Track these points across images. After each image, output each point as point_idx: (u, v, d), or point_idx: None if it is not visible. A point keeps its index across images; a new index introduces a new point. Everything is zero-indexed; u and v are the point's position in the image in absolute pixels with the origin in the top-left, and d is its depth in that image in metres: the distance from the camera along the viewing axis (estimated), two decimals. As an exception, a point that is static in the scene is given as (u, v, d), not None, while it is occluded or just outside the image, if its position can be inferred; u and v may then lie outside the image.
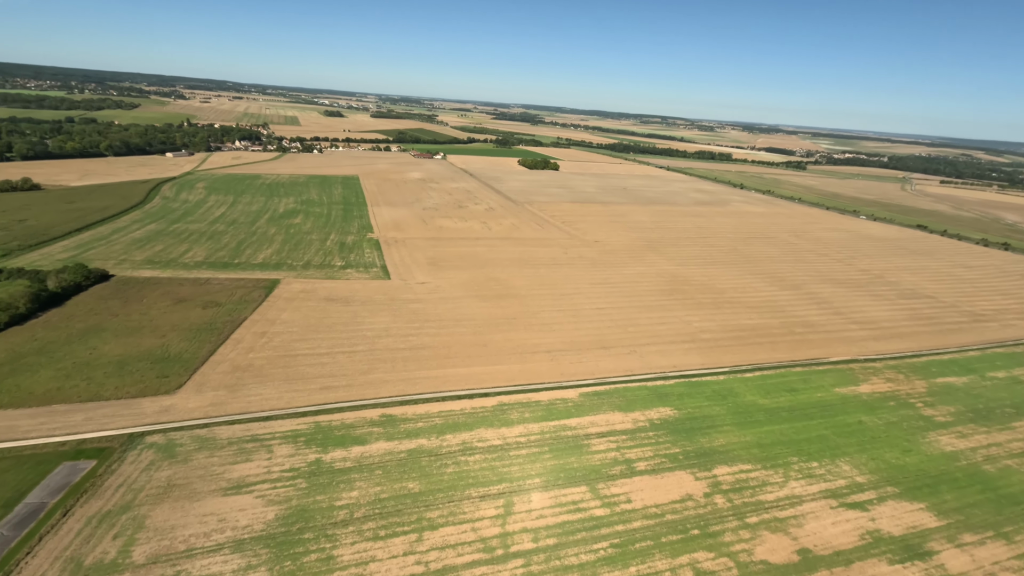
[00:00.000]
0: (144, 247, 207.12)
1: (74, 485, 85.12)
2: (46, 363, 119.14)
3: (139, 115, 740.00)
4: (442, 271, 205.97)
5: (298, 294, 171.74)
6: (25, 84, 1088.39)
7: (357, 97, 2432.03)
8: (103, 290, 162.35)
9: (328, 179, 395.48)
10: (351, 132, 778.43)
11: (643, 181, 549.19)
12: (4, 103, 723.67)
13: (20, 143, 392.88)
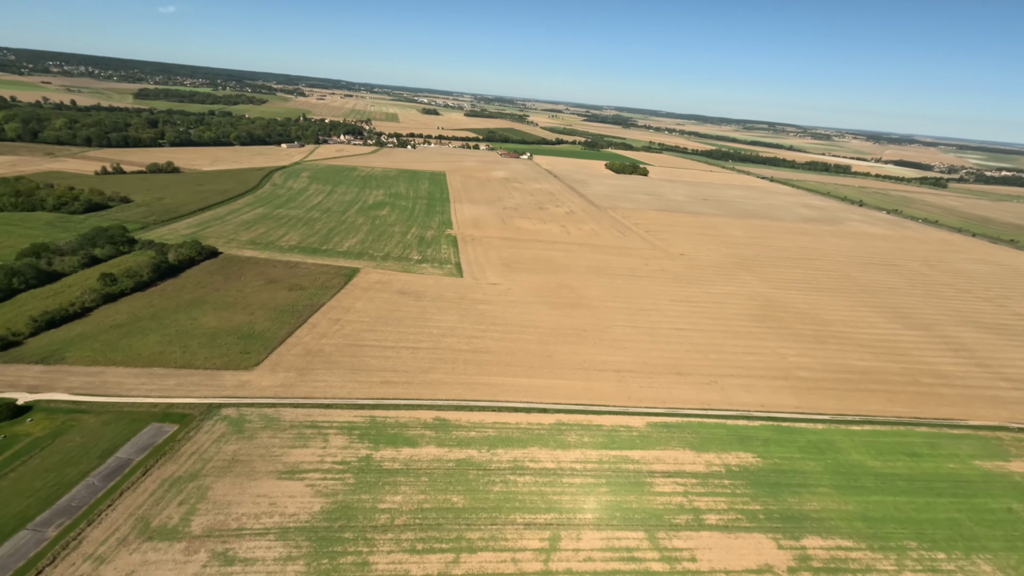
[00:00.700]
0: (250, 229, 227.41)
1: (156, 446, 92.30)
2: (155, 328, 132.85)
3: (265, 110, 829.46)
4: (515, 273, 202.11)
5: (374, 284, 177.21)
6: (183, 82, 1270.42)
7: (454, 96, 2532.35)
8: (211, 265, 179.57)
9: (417, 174, 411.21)
10: (444, 129, 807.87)
11: (741, 192, 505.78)
12: (166, 98, 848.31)
13: (171, 132, 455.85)
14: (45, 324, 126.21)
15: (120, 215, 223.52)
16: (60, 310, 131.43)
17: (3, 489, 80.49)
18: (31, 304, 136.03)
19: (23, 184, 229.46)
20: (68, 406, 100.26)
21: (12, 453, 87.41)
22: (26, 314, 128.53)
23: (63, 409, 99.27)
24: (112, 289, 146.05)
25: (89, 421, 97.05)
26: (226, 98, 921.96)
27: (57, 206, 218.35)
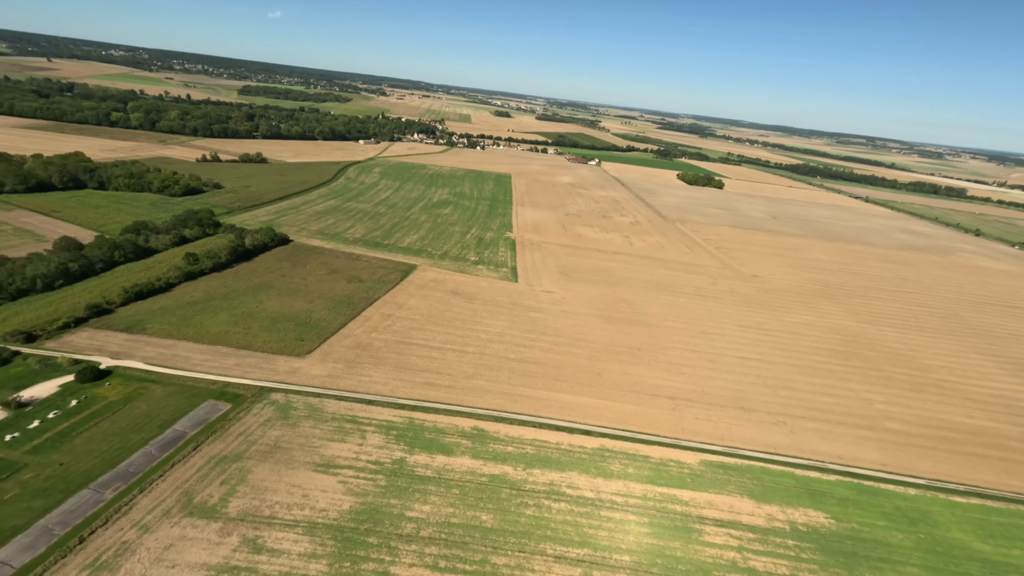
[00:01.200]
0: (320, 219, 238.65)
1: (209, 423, 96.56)
2: (225, 308, 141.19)
3: (349, 107, 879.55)
4: (571, 282, 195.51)
5: (429, 282, 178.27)
6: (280, 80, 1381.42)
7: (527, 100, 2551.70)
8: (281, 252, 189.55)
9: (483, 175, 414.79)
10: (514, 132, 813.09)
11: (829, 212, 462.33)
12: (265, 94, 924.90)
13: (264, 125, 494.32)
14: (134, 296, 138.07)
15: (211, 199, 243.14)
16: (148, 284, 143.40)
17: (77, 447, 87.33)
18: (126, 276, 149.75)
19: (136, 167, 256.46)
20: (141, 374, 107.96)
21: (89, 413, 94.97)
22: (120, 285, 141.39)
23: (137, 377, 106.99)
24: (194, 268, 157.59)
25: (156, 391, 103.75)
26: (316, 96, 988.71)
27: (161, 188, 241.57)
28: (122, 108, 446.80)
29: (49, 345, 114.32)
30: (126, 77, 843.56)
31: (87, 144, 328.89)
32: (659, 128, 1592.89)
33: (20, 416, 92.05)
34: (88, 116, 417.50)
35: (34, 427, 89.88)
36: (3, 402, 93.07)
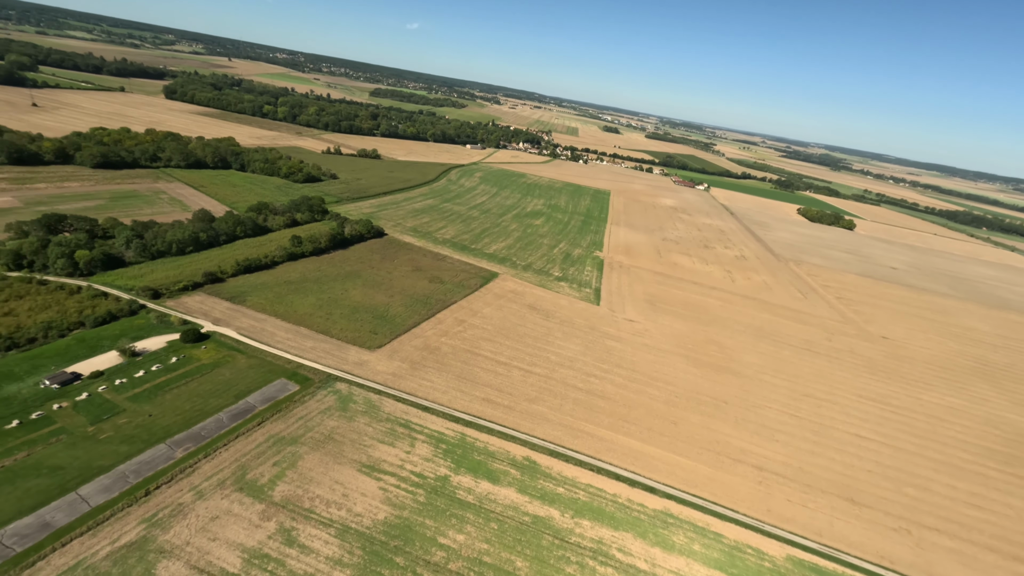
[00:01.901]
0: (416, 216, 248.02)
1: (277, 401, 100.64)
2: (315, 291, 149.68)
3: (462, 113, 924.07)
4: (657, 313, 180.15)
5: (507, 293, 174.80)
6: (407, 84, 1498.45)
7: (639, 117, 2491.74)
8: (374, 244, 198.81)
9: (581, 189, 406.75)
10: (620, 148, 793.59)
11: (996, 272, 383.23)
12: (391, 97, 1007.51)
13: (384, 124, 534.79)
14: (243, 268, 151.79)
15: (326, 188, 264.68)
16: (257, 259, 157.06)
17: (166, 402, 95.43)
18: (241, 250, 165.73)
19: (271, 154, 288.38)
20: (232, 343, 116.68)
21: (182, 372, 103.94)
22: (235, 257, 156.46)
23: (228, 344, 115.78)
24: (296, 250, 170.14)
25: (240, 361, 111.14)
26: (435, 100, 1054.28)
27: (287, 174, 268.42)
28: (273, 102, 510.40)
29: (169, 304, 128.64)
30: (283, 76, 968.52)
31: (239, 131, 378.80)
32: (782, 156, 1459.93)
33: (131, 364, 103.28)
34: (246, 107, 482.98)
35: (139, 376, 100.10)
36: (121, 349, 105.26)
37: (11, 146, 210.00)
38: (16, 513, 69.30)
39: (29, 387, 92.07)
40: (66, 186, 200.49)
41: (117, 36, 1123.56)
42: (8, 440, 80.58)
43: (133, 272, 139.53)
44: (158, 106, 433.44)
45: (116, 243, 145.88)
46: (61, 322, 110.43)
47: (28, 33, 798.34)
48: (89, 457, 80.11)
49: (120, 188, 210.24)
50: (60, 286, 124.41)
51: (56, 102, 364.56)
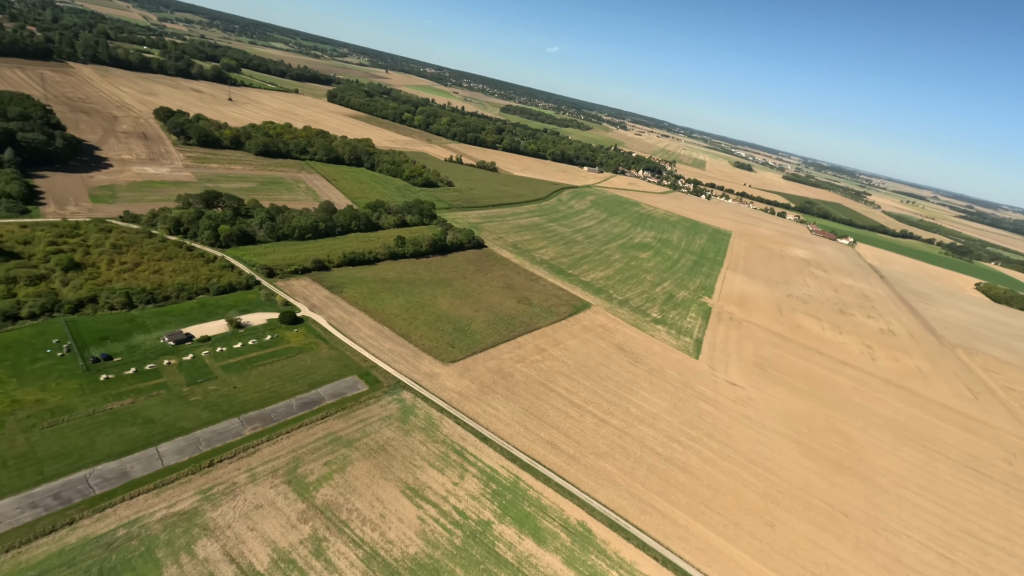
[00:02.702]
0: (519, 233, 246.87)
1: (344, 398, 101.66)
2: (405, 293, 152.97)
3: (586, 135, 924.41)
4: (768, 382, 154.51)
5: (596, 327, 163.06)
6: (536, 103, 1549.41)
7: (779, 155, 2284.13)
8: (472, 255, 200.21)
9: (698, 226, 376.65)
10: (751, 187, 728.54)
11: None
12: (520, 114, 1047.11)
13: (507, 139, 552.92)
14: (348, 261, 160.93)
15: (440, 194, 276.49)
16: (361, 254, 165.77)
17: (250, 377, 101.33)
18: (351, 243, 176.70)
19: (398, 157, 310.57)
20: (320, 331, 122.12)
21: (271, 351, 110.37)
22: (343, 249, 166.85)
23: (316, 332, 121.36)
24: (398, 250, 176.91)
25: (322, 350, 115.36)
26: (561, 120, 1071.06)
27: (408, 177, 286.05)
28: (412, 111, 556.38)
29: (279, 283, 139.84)
30: (428, 88, 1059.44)
31: (378, 134, 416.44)
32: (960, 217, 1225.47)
33: (234, 335, 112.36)
34: (389, 113, 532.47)
35: (236, 347, 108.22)
36: (229, 319, 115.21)
37: (201, 131, 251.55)
38: (106, 456, 76.28)
39: (152, 340, 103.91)
40: (231, 168, 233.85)
41: (305, 48, 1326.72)
42: (122, 385, 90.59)
43: (259, 250, 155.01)
44: (319, 107, 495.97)
45: (252, 222, 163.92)
46: (192, 286, 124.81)
47: (243, 43, 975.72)
48: (176, 416, 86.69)
49: (271, 174, 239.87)
50: (201, 254, 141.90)
51: (245, 98, 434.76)
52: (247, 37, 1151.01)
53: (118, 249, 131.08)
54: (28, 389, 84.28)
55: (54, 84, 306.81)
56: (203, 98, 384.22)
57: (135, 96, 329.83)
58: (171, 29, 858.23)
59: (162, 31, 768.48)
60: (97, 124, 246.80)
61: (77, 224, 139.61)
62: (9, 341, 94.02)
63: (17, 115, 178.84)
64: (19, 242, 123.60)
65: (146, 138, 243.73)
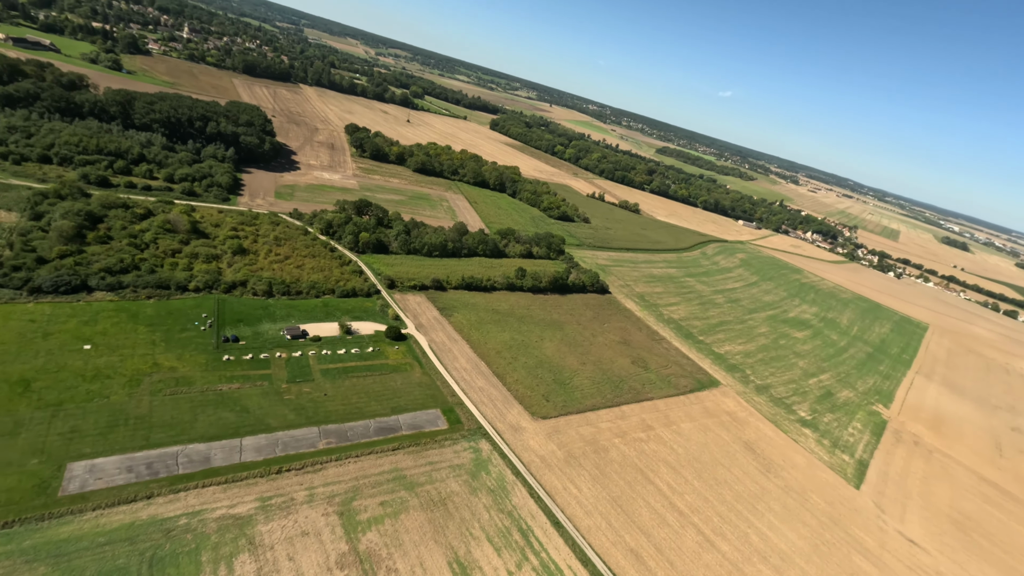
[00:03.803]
0: (649, 283, 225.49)
1: (421, 432, 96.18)
2: (512, 329, 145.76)
3: (747, 186, 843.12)
4: (970, 554, 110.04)
5: (722, 413, 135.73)
6: (696, 148, 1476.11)
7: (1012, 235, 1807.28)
8: (592, 299, 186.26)
9: (879, 309, 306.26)
10: (963, 271, 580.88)
11: None
12: (676, 156, 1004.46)
13: (657, 181, 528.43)
14: (465, 285, 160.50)
15: (574, 229, 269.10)
16: (478, 279, 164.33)
17: (341, 388, 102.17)
18: (473, 267, 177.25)
19: (540, 187, 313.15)
20: (418, 353, 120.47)
21: (368, 365, 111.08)
22: (463, 272, 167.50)
23: (415, 353, 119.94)
24: (517, 282, 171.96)
25: (415, 374, 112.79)
26: (721, 168, 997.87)
27: (545, 208, 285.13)
28: (565, 144, 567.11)
29: (396, 296, 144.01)
30: (585, 124, 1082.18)
31: (527, 163, 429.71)
32: None
33: (341, 340, 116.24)
34: (542, 144, 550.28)
35: (340, 353, 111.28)
36: (342, 324, 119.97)
37: (375, 146, 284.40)
38: (200, 436, 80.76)
39: (275, 330, 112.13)
40: (390, 181, 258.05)
41: (483, 80, 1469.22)
42: (237, 368, 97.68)
43: (389, 260, 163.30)
44: (481, 133, 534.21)
45: (390, 233, 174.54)
46: (322, 285, 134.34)
47: (433, 74, 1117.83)
48: (267, 411, 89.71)
49: (420, 190, 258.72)
50: (340, 256, 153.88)
51: (421, 121, 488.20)
52: (438, 70, 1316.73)
53: (278, 241, 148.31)
54: (168, 355, 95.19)
55: (282, 100, 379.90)
56: (387, 118, 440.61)
57: (337, 113, 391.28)
58: (382, 61, 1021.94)
59: (374, 63, 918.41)
60: (301, 134, 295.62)
61: (256, 215, 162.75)
62: (174, 308, 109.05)
63: (245, 122, 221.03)
64: (212, 224, 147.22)
65: (333, 148, 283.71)
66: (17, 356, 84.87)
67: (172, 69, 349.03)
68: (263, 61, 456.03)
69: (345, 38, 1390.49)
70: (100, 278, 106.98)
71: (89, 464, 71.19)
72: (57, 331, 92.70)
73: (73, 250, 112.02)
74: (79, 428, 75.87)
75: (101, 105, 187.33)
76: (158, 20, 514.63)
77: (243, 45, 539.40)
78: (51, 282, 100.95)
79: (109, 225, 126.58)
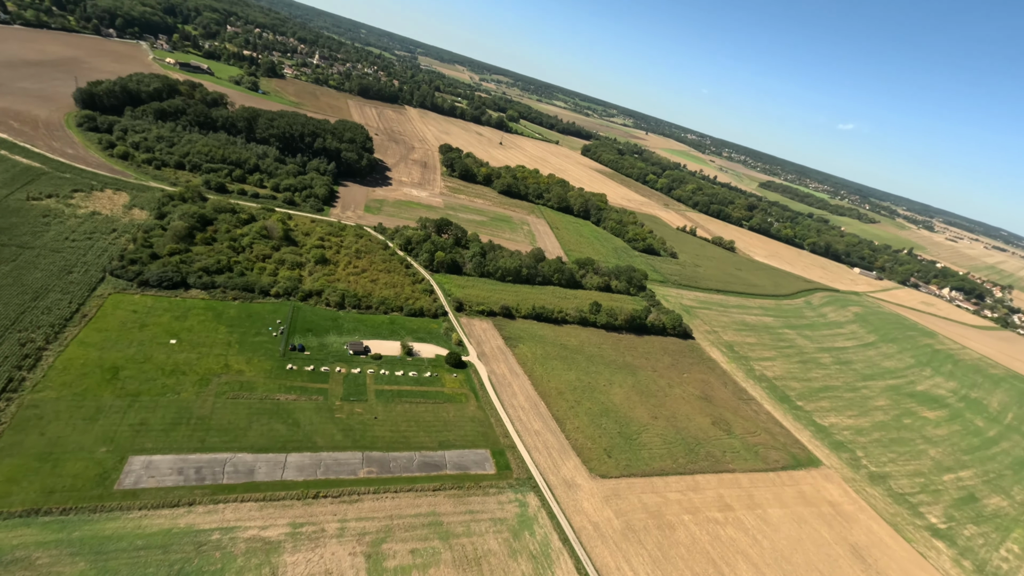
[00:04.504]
0: (740, 332, 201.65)
1: (465, 474, 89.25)
2: (579, 368, 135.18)
3: (867, 229, 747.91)
4: None
5: (820, 501, 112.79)
6: (807, 183, 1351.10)
7: None
8: (672, 344, 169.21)
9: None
10: None
11: None
12: (782, 192, 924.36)
13: (758, 218, 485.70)
14: (534, 315, 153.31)
15: (658, 264, 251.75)
16: (548, 310, 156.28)
17: (392, 413, 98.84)
18: (546, 297, 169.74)
19: (626, 217, 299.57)
20: (476, 384, 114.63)
21: (422, 391, 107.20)
22: (533, 301, 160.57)
23: (472, 384, 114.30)
24: (590, 317, 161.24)
25: (469, 408, 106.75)
26: (835, 207, 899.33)
27: (629, 239, 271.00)
28: (658, 173, 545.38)
29: (462, 319, 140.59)
30: (682, 154, 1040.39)
31: (615, 190, 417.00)
32: None
33: (401, 360, 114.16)
34: (633, 173, 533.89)
35: (397, 375, 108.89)
36: (404, 344, 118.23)
37: (464, 167, 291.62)
38: (249, 446, 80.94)
39: (339, 343, 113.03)
40: (474, 201, 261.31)
41: (580, 107, 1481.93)
42: (297, 379, 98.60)
43: (461, 281, 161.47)
44: (571, 158, 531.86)
45: (466, 254, 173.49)
46: (392, 301, 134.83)
47: (531, 99, 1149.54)
48: (316, 428, 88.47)
49: (503, 212, 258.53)
50: (414, 273, 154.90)
51: (513, 144, 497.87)
52: (536, 96, 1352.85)
53: (358, 254, 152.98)
54: (239, 358, 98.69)
55: (387, 119, 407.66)
56: (481, 140, 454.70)
57: (434, 133, 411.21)
58: (484, 86, 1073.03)
59: (476, 87, 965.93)
60: (399, 151, 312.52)
61: (344, 227, 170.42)
62: (253, 311, 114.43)
63: (348, 139, 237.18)
64: (303, 233, 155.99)
65: (425, 166, 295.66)
66: (115, 344, 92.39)
67: (299, 90, 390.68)
68: (376, 84, 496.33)
69: (453, 65, 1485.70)
70: (198, 276, 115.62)
71: (147, 460, 73.51)
72: (152, 323, 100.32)
73: (182, 248, 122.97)
74: (147, 421, 79.38)
75: (231, 120, 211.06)
76: (295, 49, 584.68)
77: (361, 70, 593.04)
78: (157, 276, 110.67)
79: (216, 228, 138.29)
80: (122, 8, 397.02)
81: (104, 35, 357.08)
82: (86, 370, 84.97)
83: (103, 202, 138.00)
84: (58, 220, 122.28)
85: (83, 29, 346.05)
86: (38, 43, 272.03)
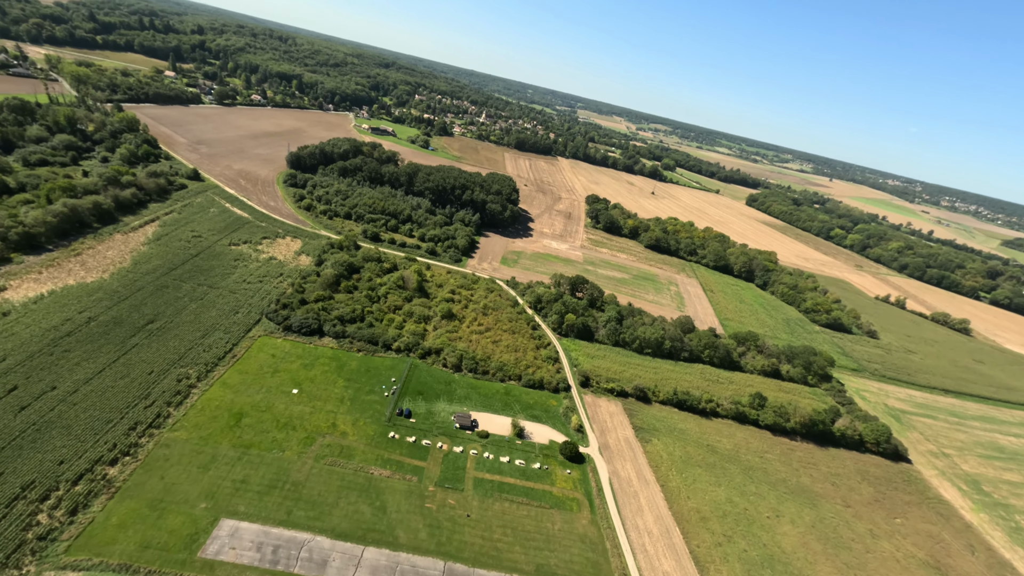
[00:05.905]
0: (989, 459, 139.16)
1: None
2: (734, 485, 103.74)
3: None
4: None
5: None
6: None
7: None
8: (874, 465, 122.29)
9: None
10: None
11: None
12: None
13: (1005, 289, 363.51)
14: (676, 402, 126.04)
15: (847, 345, 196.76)
16: (696, 398, 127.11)
17: (488, 513, 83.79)
18: (692, 377, 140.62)
19: (803, 281, 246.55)
20: (592, 489, 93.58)
21: (527, 488, 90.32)
22: (677, 382, 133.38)
23: (586, 489, 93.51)
24: (750, 412, 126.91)
25: (581, 520, 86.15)
26: None
27: (807, 310, 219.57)
28: (847, 227, 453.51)
29: (587, 398, 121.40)
30: (881, 203, 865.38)
31: (789, 247, 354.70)
32: None
33: (509, 444, 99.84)
34: (813, 227, 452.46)
35: (502, 461, 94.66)
36: (515, 422, 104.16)
37: (609, 218, 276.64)
38: (331, 529, 73.86)
39: (447, 413, 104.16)
40: (617, 256, 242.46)
41: (747, 153, 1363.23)
42: (396, 450, 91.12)
43: (591, 350, 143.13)
44: (733, 209, 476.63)
45: (600, 318, 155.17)
46: (511, 368, 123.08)
47: (691, 147, 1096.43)
48: (401, 518, 78.21)
49: (648, 269, 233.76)
50: (540, 336, 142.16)
51: (666, 193, 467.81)
52: (696, 143, 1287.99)
53: (485, 310, 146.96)
54: (347, 417, 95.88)
55: (538, 170, 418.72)
56: (631, 190, 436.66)
57: (583, 184, 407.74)
58: (640, 136, 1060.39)
59: (632, 137, 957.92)
60: (544, 201, 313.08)
61: (476, 279, 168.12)
62: (373, 366, 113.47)
63: (495, 191, 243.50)
64: (436, 284, 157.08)
65: (569, 217, 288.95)
66: (248, 388, 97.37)
67: (463, 146, 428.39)
68: (532, 138, 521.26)
69: (611, 116, 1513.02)
70: (332, 324, 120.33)
71: (235, 526, 70.98)
72: (283, 369, 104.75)
73: (327, 295, 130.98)
74: (249, 479, 78.46)
75: (396, 175, 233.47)
76: (466, 110, 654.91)
77: (521, 126, 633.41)
78: (299, 323, 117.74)
79: (360, 276, 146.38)
80: (340, 88, 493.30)
81: (324, 109, 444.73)
82: (217, 413, 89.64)
83: (281, 248, 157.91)
84: (243, 263, 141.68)
85: (311, 106, 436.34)
86: (278, 118, 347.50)
